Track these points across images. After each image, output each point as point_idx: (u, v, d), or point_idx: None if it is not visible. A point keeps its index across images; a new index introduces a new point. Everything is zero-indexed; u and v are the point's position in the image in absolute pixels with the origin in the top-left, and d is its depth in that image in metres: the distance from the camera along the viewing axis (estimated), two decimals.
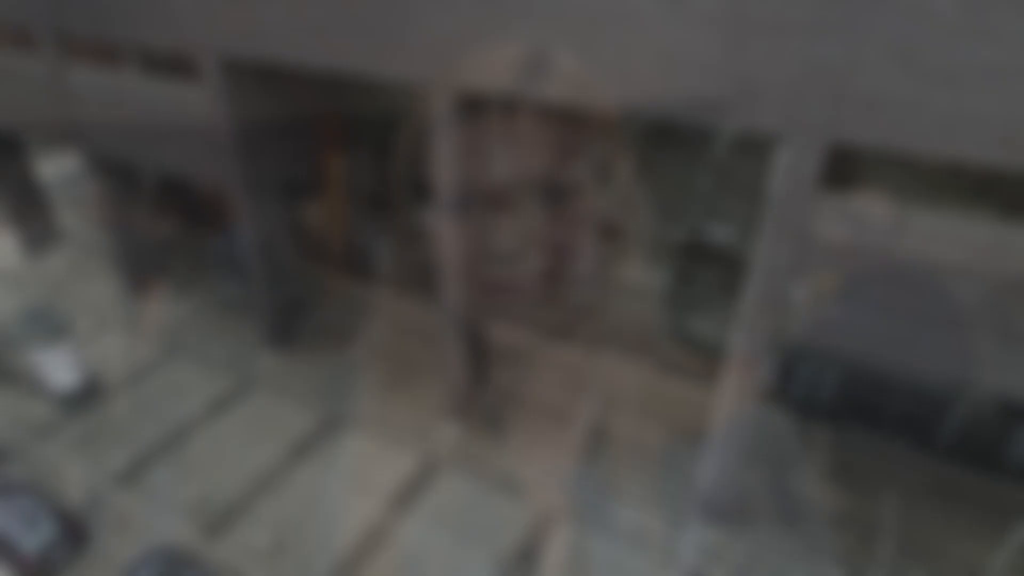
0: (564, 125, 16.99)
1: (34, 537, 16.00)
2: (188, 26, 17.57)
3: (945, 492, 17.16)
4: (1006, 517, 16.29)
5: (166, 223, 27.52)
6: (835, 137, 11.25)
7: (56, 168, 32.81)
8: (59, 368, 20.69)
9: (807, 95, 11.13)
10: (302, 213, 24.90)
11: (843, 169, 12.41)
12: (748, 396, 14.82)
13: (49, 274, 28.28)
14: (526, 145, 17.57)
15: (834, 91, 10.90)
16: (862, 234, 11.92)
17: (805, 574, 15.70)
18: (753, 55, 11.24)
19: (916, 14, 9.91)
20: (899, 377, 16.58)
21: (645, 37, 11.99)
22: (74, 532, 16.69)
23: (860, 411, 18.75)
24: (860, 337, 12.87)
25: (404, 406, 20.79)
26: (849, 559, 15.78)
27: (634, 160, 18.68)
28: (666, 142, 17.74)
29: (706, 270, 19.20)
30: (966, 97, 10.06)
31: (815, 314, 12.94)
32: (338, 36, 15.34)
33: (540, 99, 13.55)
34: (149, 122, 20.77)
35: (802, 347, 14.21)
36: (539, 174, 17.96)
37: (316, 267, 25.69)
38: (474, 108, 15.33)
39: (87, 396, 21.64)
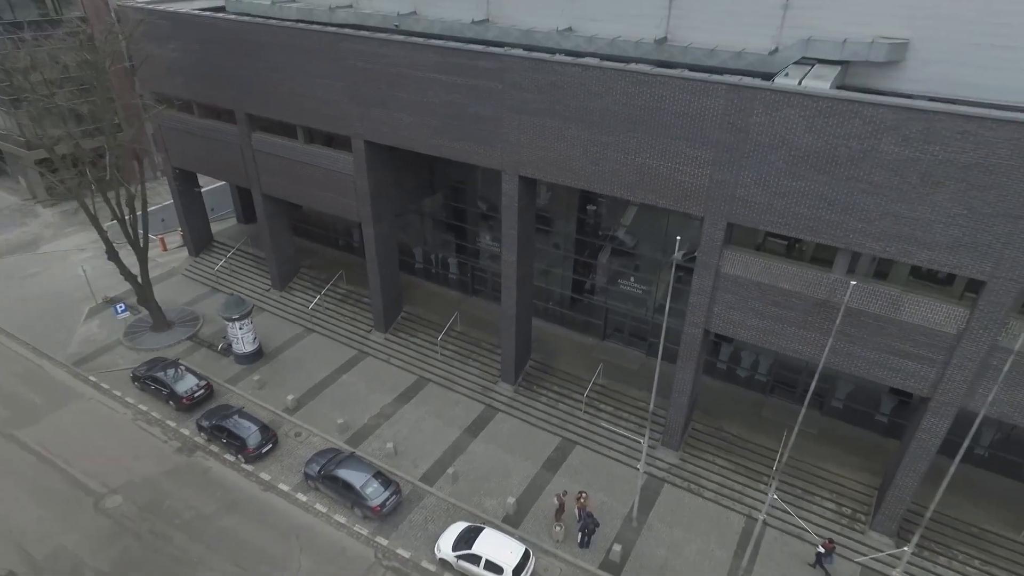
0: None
1: (253, 438, 26.18)
2: (348, 120, 27.57)
3: (826, 437, 26.13)
4: (865, 454, 25.21)
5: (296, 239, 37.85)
6: (730, 219, 20.49)
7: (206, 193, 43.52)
8: (242, 337, 31.05)
9: (716, 197, 20.39)
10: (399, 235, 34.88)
11: (754, 239, 21.62)
12: (695, 369, 24.04)
13: (212, 270, 38.94)
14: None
15: (727, 196, 20.15)
16: (747, 271, 21.14)
17: (730, 483, 24.85)
18: (690, 179, 20.52)
19: (765, 163, 19.08)
20: (805, 361, 25.57)
21: (650, 171, 21.35)
22: (271, 437, 26.83)
23: (781, 384, 27.78)
24: (748, 331, 22.06)
25: (472, 371, 30.56)
26: (755, 473, 24.89)
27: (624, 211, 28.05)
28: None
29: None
30: (790, 203, 19.19)
31: (724, 317, 22.20)
32: (447, 136, 25.07)
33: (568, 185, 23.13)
34: (307, 173, 30.99)
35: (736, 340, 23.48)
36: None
37: (408, 274, 35.75)
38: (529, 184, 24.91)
39: (257, 357, 31.98)
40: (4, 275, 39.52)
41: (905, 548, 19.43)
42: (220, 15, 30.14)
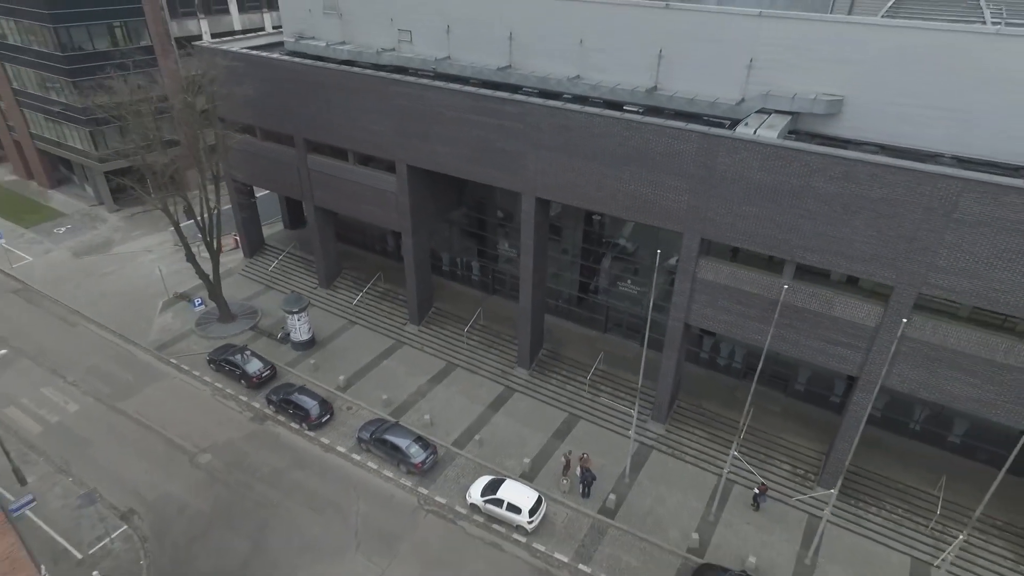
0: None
1: (314, 409, 31.88)
2: (393, 148, 33.22)
3: (788, 413, 31.55)
4: (819, 428, 30.60)
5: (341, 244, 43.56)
6: (702, 235, 25.98)
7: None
8: (299, 327, 36.78)
9: (691, 217, 25.88)
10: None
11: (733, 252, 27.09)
12: (678, 356, 29.51)
13: (266, 271, 44.75)
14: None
15: (701, 217, 25.65)
16: (717, 277, 26.61)
17: (707, 450, 30.31)
18: (672, 204, 26.01)
19: (728, 193, 24.52)
20: (770, 351, 31.01)
21: (640, 196, 26.85)
22: (329, 409, 32.51)
23: (751, 370, 33.17)
24: (719, 324, 27.53)
25: (493, 358, 36.16)
26: (727, 442, 30.32)
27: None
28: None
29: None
30: (748, 224, 24.64)
31: (700, 313, 27.69)
32: (477, 164, 30.66)
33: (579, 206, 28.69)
34: (355, 190, 36.68)
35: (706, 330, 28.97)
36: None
37: (437, 275, 41.38)
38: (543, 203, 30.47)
39: (310, 344, 37.70)
40: (85, 273, 45.49)
41: (832, 491, 24.78)
42: (286, 59, 35.94)
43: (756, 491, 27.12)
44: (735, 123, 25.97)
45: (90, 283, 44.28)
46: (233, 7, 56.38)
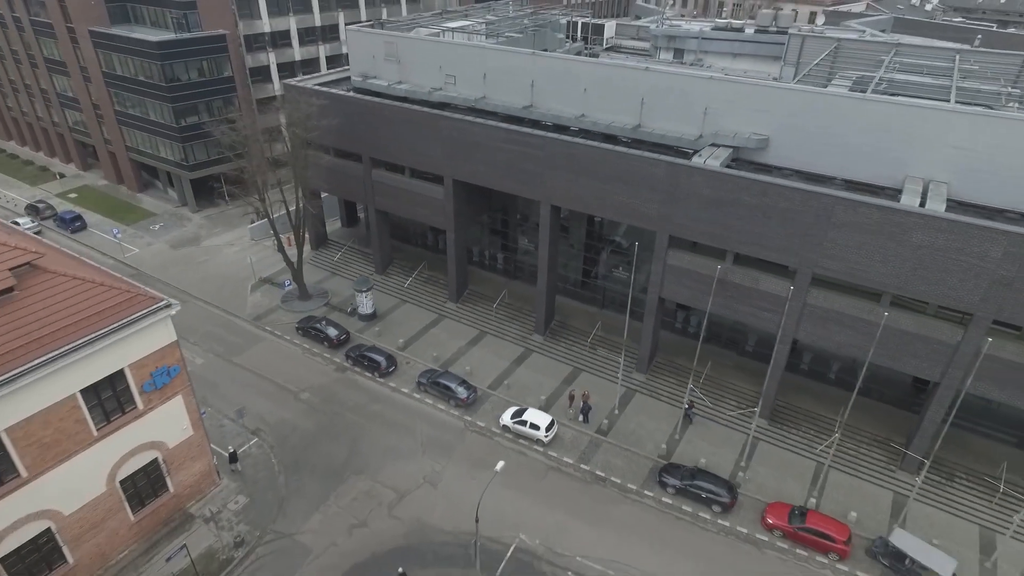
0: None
1: (384, 363, 42.62)
2: (441, 166, 43.96)
3: (739, 367, 42.15)
4: (761, 376, 41.19)
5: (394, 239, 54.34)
6: (670, 233, 36.62)
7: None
8: (365, 303, 47.59)
9: (662, 220, 36.50)
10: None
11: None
12: (655, 321, 40.13)
13: (331, 260, 55.59)
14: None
15: (668, 220, 36.26)
16: (680, 262, 37.23)
17: (678, 392, 40.94)
18: (649, 210, 36.63)
19: (687, 204, 35.10)
20: (725, 319, 41.64)
21: (627, 204, 37.46)
22: (393, 363, 43.22)
23: (717, 338, 43.77)
24: (683, 298, 38.17)
25: (515, 327, 46.91)
26: (688, 384, 40.94)
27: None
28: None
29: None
30: (700, 225, 35.22)
31: (669, 289, 38.34)
32: (506, 179, 41.38)
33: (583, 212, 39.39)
34: (410, 197, 47.44)
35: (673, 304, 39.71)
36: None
37: (469, 264, 52.17)
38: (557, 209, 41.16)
39: (373, 317, 48.49)
40: (184, 261, 56.42)
41: (754, 407, 35.23)
42: (362, 97, 46.78)
43: (685, 406, 37.96)
44: (694, 153, 36.60)
45: (190, 269, 55.20)
46: (295, 42, 67.27)
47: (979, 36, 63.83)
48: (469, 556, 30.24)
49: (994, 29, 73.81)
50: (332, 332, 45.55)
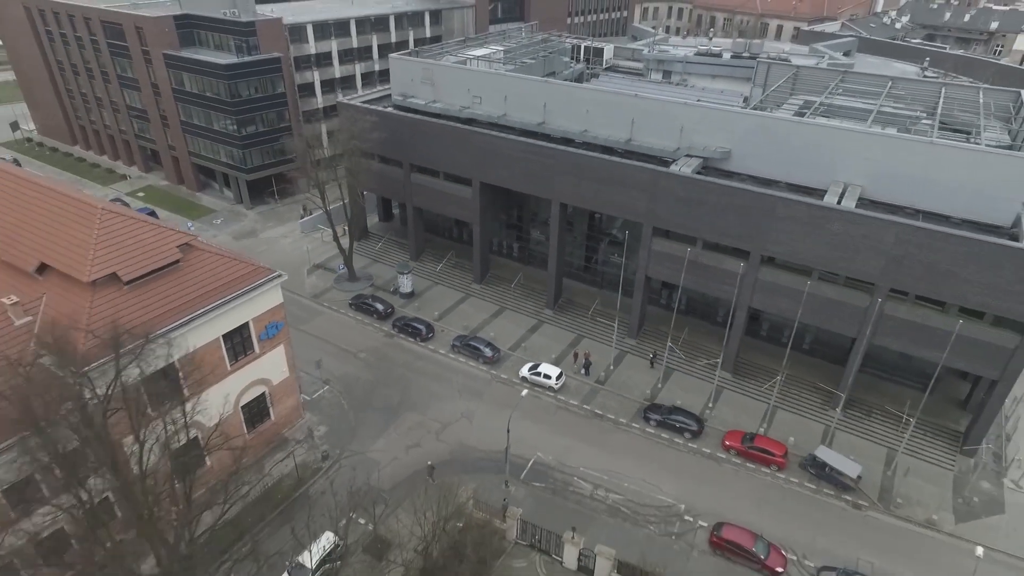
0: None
1: (424, 330, 52.74)
2: (471, 170, 54.11)
3: (711, 333, 52.32)
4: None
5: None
6: (654, 225, 46.76)
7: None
8: (406, 283, 57.78)
9: (647, 214, 46.62)
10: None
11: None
12: (643, 296, 50.28)
13: (373, 249, 65.80)
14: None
15: (652, 214, 46.39)
16: (661, 248, 47.36)
17: (661, 352, 51.12)
18: (637, 206, 46.75)
19: (666, 201, 45.20)
20: (699, 294, 51.79)
21: (620, 202, 47.57)
22: (431, 330, 53.36)
23: (694, 311, 53.90)
24: (664, 275, 48.32)
25: (529, 303, 57.14)
26: (665, 344, 51.12)
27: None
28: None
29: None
30: (677, 218, 45.33)
31: (653, 268, 48.49)
32: (523, 182, 51.56)
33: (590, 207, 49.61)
34: (443, 196, 57.61)
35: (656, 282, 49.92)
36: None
37: (490, 253, 62.44)
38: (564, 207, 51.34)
39: (411, 295, 58.70)
40: (247, 251, 66.46)
41: (717, 360, 45.31)
42: (405, 114, 57.02)
43: (651, 355, 48.27)
44: (672, 162, 46.70)
45: (253, 257, 65.26)
46: (335, 62, 77.47)
47: (927, 58, 73.97)
48: (500, 466, 40.40)
49: (946, 51, 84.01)
50: (380, 307, 55.74)
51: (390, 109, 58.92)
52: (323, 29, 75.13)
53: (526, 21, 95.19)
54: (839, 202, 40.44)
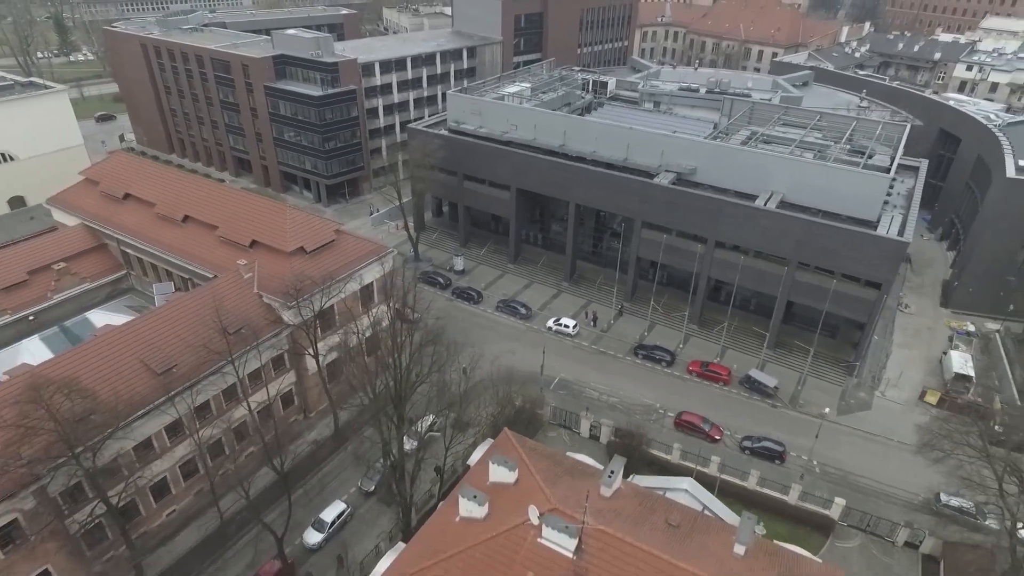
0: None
1: (476, 295, 72.50)
2: (510, 179, 73.81)
3: (685, 301, 72.07)
4: (699, 306, 71.12)
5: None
6: (642, 219, 66.45)
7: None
8: (459, 262, 77.60)
9: (638, 213, 66.25)
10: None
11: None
12: (635, 272, 69.90)
13: (430, 239, 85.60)
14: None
15: (642, 212, 66.09)
16: (648, 236, 66.99)
17: (651, 313, 70.81)
18: (631, 206, 66.34)
19: (652, 204, 64.80)
20: (681, 272, 71.59)
21: (620, 204, 67.16)
22: (480, 295, 73.05)
23: (672, 283, 73.56)
24: (650, 255, 67.99)
25: (552, 278, 76.96)
26: (657, 312, 70.75)
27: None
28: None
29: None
30: (660, 216, 64.89)
31: (643, 250, 68.16)
32: (549, 188, 71.28)
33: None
34: (487, 199, 77.40)
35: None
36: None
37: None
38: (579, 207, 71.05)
39: (464, 272, 78.50)
40: None
41: (683, 313, 64.90)
42: (460, 137, 76.90)
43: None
44: (656, 175, 66.29)
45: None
46: (395, 91, 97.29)
47: (864, 90, 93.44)
48: (538, 380, 60.03)
49: (885, 82, 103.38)
50: (441, 280, 75.58)
51: (445, 132, 78.72)
52: (387, 65, 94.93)
53: (543, 53, 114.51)
54: (766, 204, 60.06)
